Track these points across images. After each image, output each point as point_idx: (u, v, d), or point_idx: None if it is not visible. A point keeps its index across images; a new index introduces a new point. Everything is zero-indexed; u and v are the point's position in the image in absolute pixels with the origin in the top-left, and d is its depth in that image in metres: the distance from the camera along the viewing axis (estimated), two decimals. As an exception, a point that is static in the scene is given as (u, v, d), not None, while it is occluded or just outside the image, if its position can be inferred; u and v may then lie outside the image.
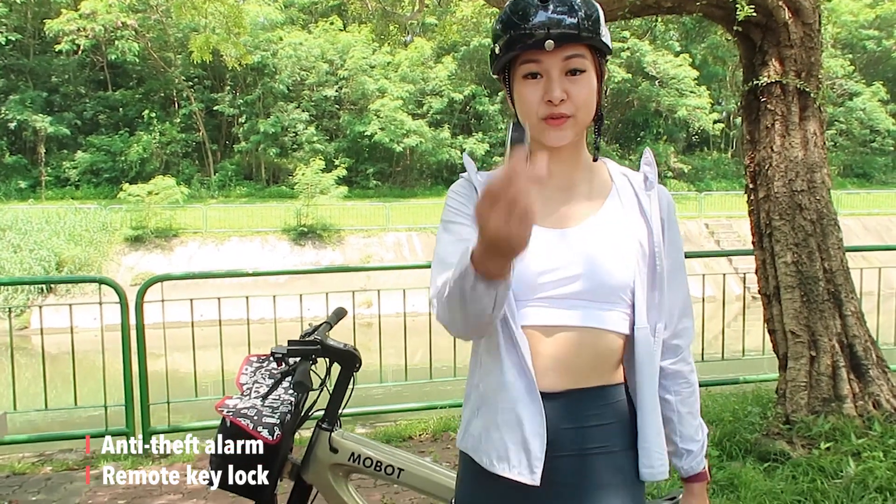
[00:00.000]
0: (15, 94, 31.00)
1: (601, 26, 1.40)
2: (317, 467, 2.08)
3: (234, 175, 32.87)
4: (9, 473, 4.29)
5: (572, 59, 1.38)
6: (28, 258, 20.44)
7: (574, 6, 1.36)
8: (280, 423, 1.95)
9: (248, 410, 1.97)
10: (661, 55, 35.67)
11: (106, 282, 4.81)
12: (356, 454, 2.05)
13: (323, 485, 2.08)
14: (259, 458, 1.97)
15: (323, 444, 2.06)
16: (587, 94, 1.40)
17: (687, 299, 1.52)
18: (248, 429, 1.93)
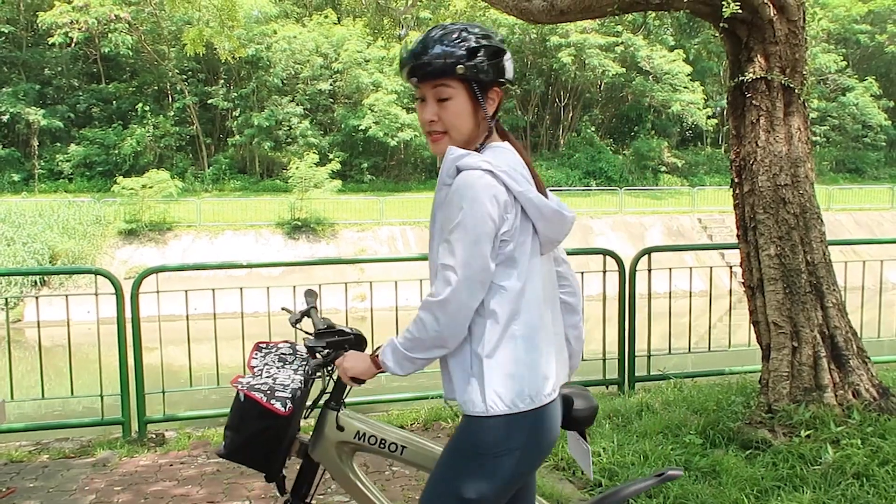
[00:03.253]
0: (8, 87, 30.87)
1: (475, 59, 1.80)
2: (324, 445, 2.16)
3: (228, 168, 32.83)
4: (6, 461, 4.35)
5: (439, 89, 1.83)
6: (21, 251, 20.41)
7: (444, 46, 1.81)
8: (291, 398, 2.05)
9: (262, 386, 2.07)
10: (654, 50, 35.75)
11: (102, 273, 4.87)
12: (361, 432, 2.14)
13: (330, 462, 2.17)
14: (270, 432, 2.06)
15: (330, 422, 2.15)
16: (453, 117, 1.84)
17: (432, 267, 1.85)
18: (261, 402, 2.01)
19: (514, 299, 1.78)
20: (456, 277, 1.73)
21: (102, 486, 3.92)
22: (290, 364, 2.20)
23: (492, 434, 1.78)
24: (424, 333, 1.78)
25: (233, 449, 2.10)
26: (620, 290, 5.54)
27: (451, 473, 1.84)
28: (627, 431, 4.32)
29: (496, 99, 1.88)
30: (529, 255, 1.81)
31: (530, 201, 1.79)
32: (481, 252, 1.72)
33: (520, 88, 37.72)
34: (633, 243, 23.91)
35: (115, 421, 4.87)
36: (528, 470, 1.89)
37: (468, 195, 1.72)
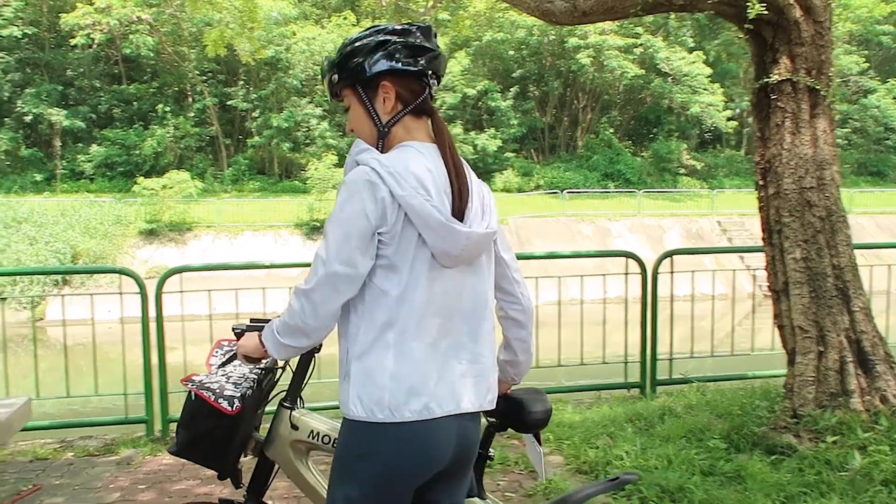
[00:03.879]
0: (31, 88, 31.29)
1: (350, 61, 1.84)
2: (278, 444, 2.17)
3: (247, 169, 33.06)
4: (32, 458, 4.40)
5: (343, 100, 1.91)
6: (44, 250, 20.66)
7: (327, 61, 1.90)
8: (241, 397, 2.05)
9: (212, 384, 2.07)
10: (674, 52, 35.54)
11: (126, 272, 4.91)
12: (315, 431, 2.14)
13: (284, 461, 2.18)
14: (219, 431, 2.06)
15: (284, 421, 2.16)
16: (354, 123, 1.90)
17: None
18: (209, 400, 2.02)
19: (392, 306, 1.73)
20: (323, 270, 1.71)
21: (127, 485, 3.95)
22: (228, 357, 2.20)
23: (352, 438, 1.77)
24: (291, 320, 1.78)
25: (183, 446, 2.11)
26: (643, 292, 5.51)
27: (331, 476, 1.84)
28: (650, 435, 4.30)
29: (390, 91, 1.81)
30: (412, 262, 1.73)
31: (412, 207, 1.70)
32: (350, 248, 1.69)
33: (538, 90, 37.67)
34: (651, 246, 23.78)
35: (138, 420, 4.91)
36: (394, 482, 1.77)
37: (350, 189, 1.72)
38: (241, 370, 2.16)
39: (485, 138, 34.17)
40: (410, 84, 1.83)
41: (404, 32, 1.84)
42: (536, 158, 37.64)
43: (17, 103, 30.95)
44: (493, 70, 37.36)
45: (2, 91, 31.24)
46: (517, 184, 33.09)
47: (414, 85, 1.84)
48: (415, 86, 1.84)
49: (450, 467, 1.84)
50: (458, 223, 1.75)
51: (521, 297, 2.04)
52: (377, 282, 1.74)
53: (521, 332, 2.06)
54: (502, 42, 36.00)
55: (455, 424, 1.80)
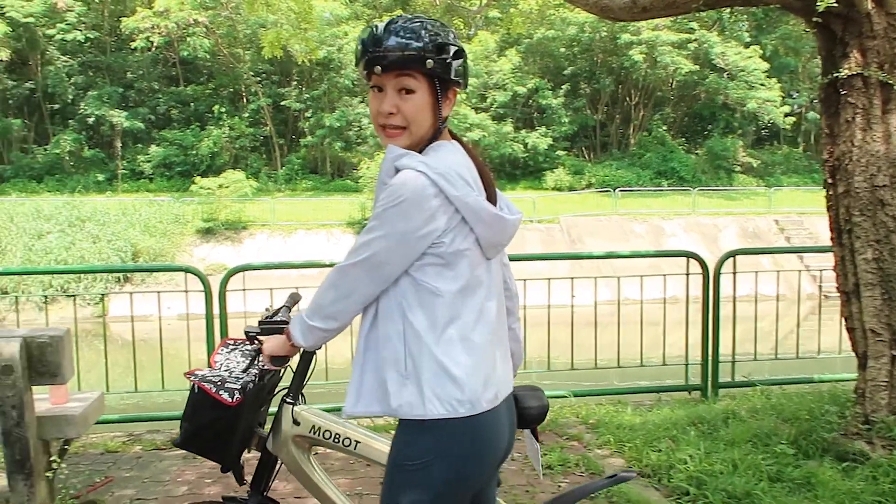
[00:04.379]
0: (93, 90, 32.34)
1: (443, 55, 1.76)
2: (280, 439, 2.21)
3: (300, 169, 33.56)
4: (103, 451, 4.54)
5: (403, 80, 1.76)
6: (106, 248, 21.32)
7: (414, 34, 1.75)
8: (241, 389, 2.09)
9: (214, 378, 2.13)
10: (729, 46, 34.75)
11: (192, 270, 5.03)
12: (316, 426, 2.18)
13: (286, 455, 2.22)
14: (220, 423, 2.11)
15: (286, 416, 2.20)
16: (415, 111, 1.78)
17: None
18: (210, 392, 2.08)
19: (451, 303, 1.74)
20: (364, 255, 1.73)
21: (193, 478, 4.04)
22: (249, 359, 2.24)
23: (430, 440, 1.74)
24: (321, 299, 1.81)
25: (186, 438, 2.16)
26: (704, 293, 5.40)
27: (389, 485, 1.81)
28: (714, 439, 4.21)
29: (452, 100, 1.85)
30: (469, 258, 1.76)
31: (466, 205, 1.73)
32: (391, 247, 1.71)
33: (589, 87, 37.29)
34: (706, 245, 23.33)
35: (202, 414, 5.00)
36: (469, 479, 1.79)
37: (399, 193, 1.70)
38: (244, 365, 2.22)
39: (535, 137, 33.97)
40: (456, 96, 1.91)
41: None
42: (588, 156, 37.27)
43: (80, 105, 32.05)
44: (544, 68, 37.11)
45: (66, 94, 32.36)
46: (568, 182, 32.83)
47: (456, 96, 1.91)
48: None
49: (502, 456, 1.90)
50: (508, 212, 1.85)
51: (510, 281, 2.08)
52: (432, 281, 1.75)
53: (512, 320, 2.10)
54: (553, 39, 35.72)
55: (505, 409, 1.86)
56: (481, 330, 1.78)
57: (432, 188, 1.69)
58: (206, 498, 3.75)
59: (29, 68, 33.27)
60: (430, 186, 1.69)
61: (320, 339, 1.89)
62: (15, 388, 3.26)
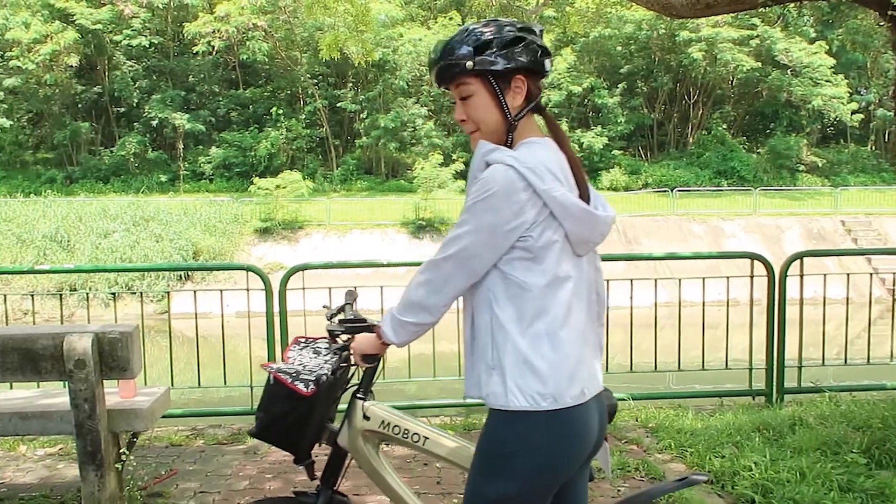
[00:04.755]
0: (157, 94, 33.30)
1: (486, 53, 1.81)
2: (351, 433, 2.24)
3: (355, 169, 33.93)
4: (167, 444, 4.66)
5: (461, 88, 1.86)
6: (168, 247, 21.94)
7: (452, 48, 1.84)
8: (315, 381, 2.14)
9: (289, 370, 2.19)
10: (793, 42, 33.73)
11: (253, 269, 5.13)
12: (386, 422, 2.21)
13: (355, 449, 2.25)
14: (295, 414, 2.16)
15: (357, 411, 2.24)
16: (477, 113, 1.86)
17: None
18: (286, 382, 2.13)
19: (540, 296, 1.76)
20: (455, 249, 1.77)
21: (254, 473, 4.12)
22: (322, 355, 2.29)
23: (513, 430, 1.77)
24: (414, 293, 1.84)
25: (261, 428, 2.20)
26: (769, 296, 5.25)
27: (476, 473, 1.85)
28: (780, 446, 4.08)
29: (522, 87, 1.84)
30: (558, 253, 1.77)
31: (555, 199, 1.73)
32: (480, 241, 1.74)
33: (646, 86, 36.73)
34: (767, 246, 22.71)
35: (261, 411, 5.09)
36: (555, 472, 1.80)
37: (489, 187, 1.73)
38: (317, 360, 2.26)
39: (591, 136, 33.62)
40: (537, 80, 1.90)
41: (533, 31, 1.88)
42: (644, 156, 36.69)
43: (144, 109, 33.04)
44: (600, 67, 36.69)
45: (131, 97, 33.41)
46: (624, 182, 32.39)
47: (538, 82, 1.90)
48: (539, 83, 1.90)
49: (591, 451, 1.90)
50: (601, 208, 1.85)
51: (601, 289, 2.05)
52: (520, 275, 1.77)
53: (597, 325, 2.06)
54: (609, 38, 35.29)
55: (595, 406, 1.86)
56: (569, 326, 1.79)
57: (521, 182, 1.72)
58: (269, 493, 3.81)
59: (97, 73, 34.45)
60: (518, 180, 1.72)
61: (412, 335, 1.91)
62: (87, 382, 3.37)
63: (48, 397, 3.81)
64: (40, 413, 3.57)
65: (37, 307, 15.89)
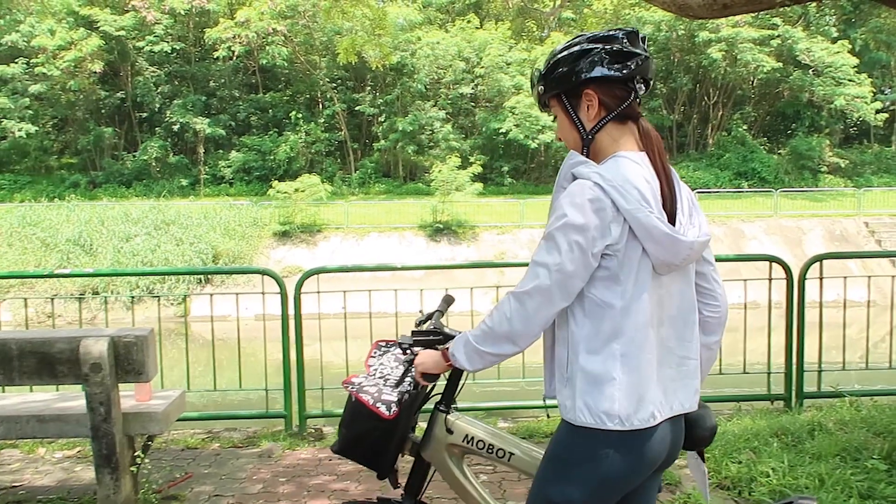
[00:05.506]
0: (178, 99, 33.62)
1: (552, 73, 1.88)
2: (434, 446, 2.21)
3: (373, 172, 34.02)
4: (183, 447, 4.69)
5: (552, 110, 1.95)
6: (188, 250, 22.11)
7: (535, 75, 1.95)
8: (398, 402, 2.09)
9: (371, 388, 2.13)
10: (815, 42, 33.35)
11: (269, 273, 5.15)
12: (470, 436, 2.16)
13: (439, 463, 2.21)
14: (377, 433, 2.13)
15: (440, 424, 2.19)
16: (562, 132, 1.94)
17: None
18: (368, 404, 2.09)
19: (617, 317, 1.74)
20: (546, 273, 1.73)
21: (268, 477, 4.13)
22: (403, 362, 2.22)
23: (578, 443, 1.79)
24: (499, 325, 1.79)
25: (344, 445, 2.19)
26: (788, 299, 5.18)
27: (542, 476, 1.87)
28: (799, 452, 4.03)
29: (593, 99, 1.83)
30: (637, 273, 1.75)
31: (637, 221, 1.71)
32: (573, 259, 1.71)
33: (665, 87, 36.49)
34: (789, 248, 22.46)
35: (278, 414, 5.12)
36: (618, 485, 1.81)
37: (574, 202, 1.72)
38: (399, 371, 2.21)
39: (609, 138, 33.43)
40: (614, 90, 1.84)
41: (608, 39, 1.85)
42: (664, 158, 36.42)
43: (166, 114, 33.36)
44: (619, 68, 36.46)
45: (153, 102, 33.75)
46: (643, 184, 32.13)
47: (618, 91, 1.84)
48: (619, 91, 1.84)
49: (660, 466, 1.90)
50: (680, 234, 1.77)
51: (719, 297, 2.01)
52: (599, 294, 1.76)
53: (711, 338, 2.02)
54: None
55: (669, 427, 1.85)
56: (644, 347, 1.76)
57: (606, 199, 1.71)
58: (283, 497, 3.82)
59: (120, 79, 34.85)
60: (604, 197, 1.71)
61: (489, 364, 1.88)
62: (103, 386, 3.40)
63: (65, 400, 3.85)
64: (57, 416, 3.61)
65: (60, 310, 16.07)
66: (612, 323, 1.74)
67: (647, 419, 1.76)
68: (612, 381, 1.74)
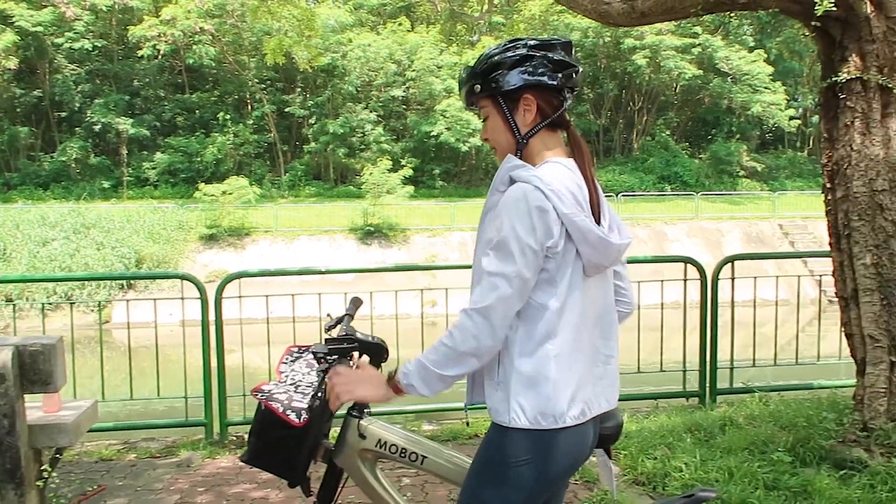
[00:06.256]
0: (100, 98, 32.45)
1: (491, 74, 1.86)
2: (347, 452, 2.20)
3: (303, 175, 33.62)
4: (97, 459, 4.53)
5: (481, 110, 1.94)
6: (110, 255, 21.37)
7: (469, 70, 1.92)
8: (308, 408, 2.07)
9: (281, 395, 2.11)
10: (733, 50, 34.71)
11: (188, 278, 5.02)
12: (383, 441, 2.16)
13: (352, 469, 2.20)
14: (288, 441, 2.10)
15: (352, 430, 2.18)
16: (492, 133, 1.92)
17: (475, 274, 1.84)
18: (277, 412, 2.06)
19: (551, 319, 1.77)
20: (505, 283, 1.72)
21: (186, 487, 4.03)
22: (316, 371, 2.21)
23: (513, 445, 1.80)
24: (463, 343, 1.73)
25: (253, 455, 2.16)
26: (702, 298, 5.37)
27: (477, 481, 1.87)
28: (710, 446, 4.17)
29: (531, 105, 1.84)
30: (570, 276, 1.79)
31: (574, 224, 1.75)
32: (528, 264, 1.73)
33: (593, 92, 37.30)
34: (709, 250, 23.24)
35: (197, 422, 5.00)
36: (550, 484, 1.86)
37: (518, 207, 1.73)
38: (311, 377, 2.19)
39: (539, 142, 33.97)
40: (550, 98, 1.87)
41: (547, 47, 1.87)
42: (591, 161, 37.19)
43: (86, 113, 32.16)
44: (548, 73, 37.09)
45: (73, 102, 32.51)
46: (572, 187, 32.73)
47: (553, 99, 1.87)
48: (554, 100, 1.88)
49: None
50: (616, 235, 1.87)
51: (630, 297, 2.11)
52: (536, 296, 1.78)
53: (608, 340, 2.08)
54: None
55: (592, 425, 1.90)
56: (576, 347, 1.80)
57: (548, 202, 1.73)
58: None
59: (37, 77, 33.42)
60: (546, 201, 1.73)
61: (449, 385, 1.82)
62: (6, 397, 3.25)
63: (-33, 413, 3.66)
64: (-43, 430, 3.43)
65: (-31, 319, 15.21)
66: (546, 324, 1.77)
67: (579, 416, 1.80)
68: (546, 381, 1.76)
